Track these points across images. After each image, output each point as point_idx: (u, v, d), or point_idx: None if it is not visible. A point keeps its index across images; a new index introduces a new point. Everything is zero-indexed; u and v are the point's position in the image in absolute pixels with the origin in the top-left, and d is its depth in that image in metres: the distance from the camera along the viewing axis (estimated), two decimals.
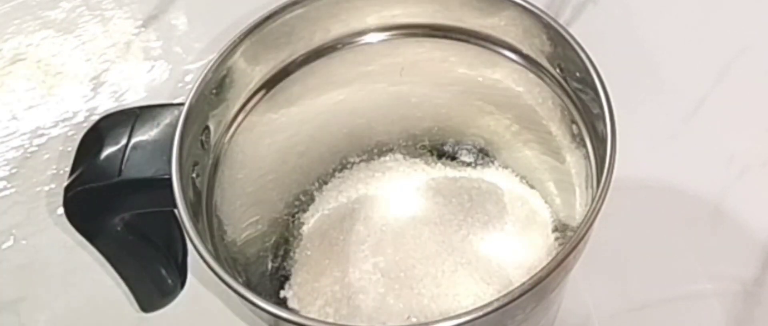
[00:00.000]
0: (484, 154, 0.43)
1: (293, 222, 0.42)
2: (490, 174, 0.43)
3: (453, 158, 0.44)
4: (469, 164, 0.43)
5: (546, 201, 0.41)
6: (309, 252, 0.41)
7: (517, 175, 0.43)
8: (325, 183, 0.43)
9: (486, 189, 0.42)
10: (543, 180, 0.42)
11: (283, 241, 0.42)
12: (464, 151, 0.44)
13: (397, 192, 0.42)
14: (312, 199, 0.43)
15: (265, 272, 0.41)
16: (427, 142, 0.44)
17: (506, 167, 0.43)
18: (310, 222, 0.42)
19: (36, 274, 0.48)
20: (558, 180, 0.40)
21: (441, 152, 0.44)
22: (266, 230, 0.41)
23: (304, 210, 0.43)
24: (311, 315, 0.39)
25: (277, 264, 0.41)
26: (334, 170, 0.43)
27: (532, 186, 0.42)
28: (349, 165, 0.43)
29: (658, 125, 0.49)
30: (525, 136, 0.41)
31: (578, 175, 0.37)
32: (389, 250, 0.40)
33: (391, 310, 0.38)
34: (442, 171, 0.43)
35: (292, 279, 0.41)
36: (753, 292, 0.44)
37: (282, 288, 0.41)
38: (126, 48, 0.57)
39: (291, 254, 0.42)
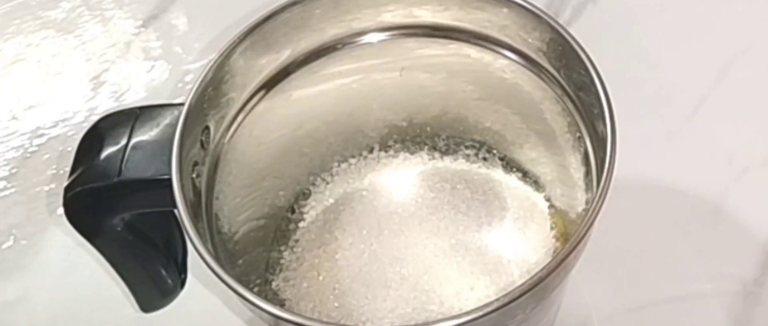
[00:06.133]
0: (485, 150, 0.43)
1: (292, 218, 0.42)
2: (490, 170, 0.43)
3: (453, 153, 0.44)
4: (469, 159, 0.43)
5: (546, 198, 0.41)
6: (307, 248, 0.41)
7: (517, 171, 0.43)
8: (325, 180, 0.43)
9: (486, 184, 0.42)
10: (543, 176, 0.42)
11: (281, 237, 0.42)
12: (464, 147, 0.44)
13: (397, 188, 0.42)
14: (311, 196, 0.43)
15: (263, 268, 0.41)
16: (427, 138, 0.44)
17: (506, 163, 0.43)
18: (308, 218, 0.42)
19: (36, 274, 0.48)
20: (558, 177, 0.40)
21: (441, 148, 0.44)
22: (265, 228, 0.41)
23: (303, 207, 0.43)
24: (307, 312, 0.39)
25: (274, 261, 0.41)
26: (334, 166, 0.43)
27: (532, 182, 0.42)
28: (348, 161, 0.43)
29: (658, 125, 0.49)
30: (525, 133, 0.41)
31: (578, 173, 0.37)
32: (387, 246, 0.40)
33: (388, 307, 0.38)
34: (442, 166, 0.43)
35: (290, 275, 0.41)
36: (753, 292, 0.44)
37: (280, 284, 0.41)
38: (126, 48, 0.57)
39: (289, 250, 0.42)
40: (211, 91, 0.36)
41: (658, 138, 0.49)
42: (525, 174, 0.42)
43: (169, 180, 0.33)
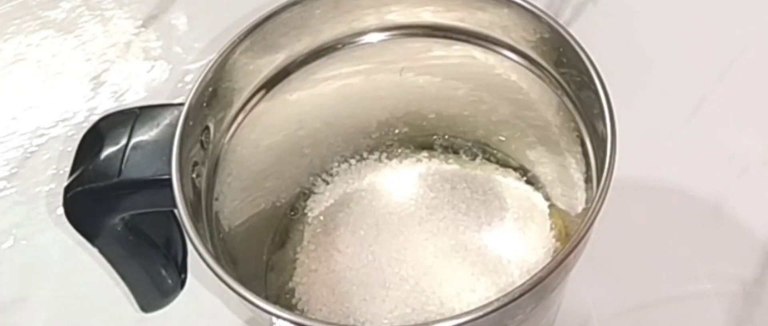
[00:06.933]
0: (485, 150, 0.43)
1: (292, 218, 0.42)
2: (490, 170, 0.43)
3: (453, 153, 0.44)
4: (469, 159, 0.43)
5: (546, 198, 0.41)
6: (307, 249, 0.41)
7: (517, 171, 0.43)
8: (325, 180, 0.43)
9: (486, 184, 0.42)
10: (543, 176, 0.42)
11: (281, 237, 0.42)
12: (464, 147, 0.44)
13: (397, 188, 0.42)
14: (311, 196, 0.43)
15: (263, 268, 0.41)
16: (427, 138, 0.44)
17: (506, 163, 0.43)
18: (308, 218, 0.42)
19: (36, 274, 0.48)
20: (558, 177, 0.40)
21: (441, 148, 0.44)
22: (265, 228, 0.41)
23: (303, 207, 0.43)
24: (307, 312, 0.39)
25: (274, 261, 0.41)
26: (334, 166, 0.43)
27: (532, 182, 0.42)
28: (348, 162, 0.43)
29: (658, 125, 0.49)
30: (525, 133, 0.41)
31: (578, 173, 0.37)
32: (387, 246, 0.40)
33: (388, 308, 0.38)
34: (441, 166, 0.43)
35: (290, 275, 0.41)
36: (753, 292, 0.44)
37: (280, 284, 0.41)
38: (126, 48, 0.57)
39: (289, 250, 0.42)
40: (211, 91, 0.36)
41: (658, 138, 0.49)
42: (525, 174, 0.42)
43: (169, 180, 0.33)
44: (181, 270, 0.40)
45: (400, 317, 0.38)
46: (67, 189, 0.35)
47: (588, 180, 0.36)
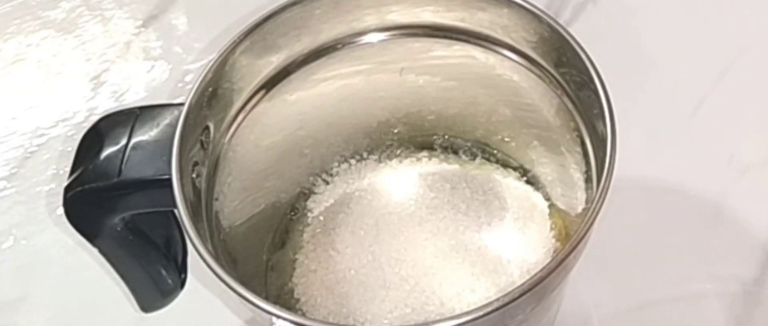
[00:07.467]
0: (485, 150, 0.43)
1: (292, 218, 0.42)
2: (490, 170, 0.43)
3: (453, 153, 0.44)
4: (469, 159, 0.43)
5: (546, 198, 0.41)
6: (307, 249, 0.41)
7: (517, 171, 0.43)
8: (325, 180, 0.43)
9: (486, 184, 0.42)
10: (543, 176, 0.42)
11: (281, 237, 0.42)
12: (464, 147, 0.44)
13: (397, 188, 0.42)
14: (311, 196, 0.43)
15: (263, 269, 0.41)
16: (427, 138, 0.44)
17: (506, 163, 0.43)
18: (308, 218, 0.42)
19: (36, 274, 0.48)
20: (558, 177, 0.40)
21: (441, 148, 0.44)
22: (265, 228, 0.41)
23: (303, 207, 0.43)
24: (307, 312, 0.39)
25: (274, 261, 0.41)
26: (334, 166, 0.43)
27: (532, 182, 0.42)
28: (348, 162, 0.43)
29: (658, 125, 0.49)
30: (525, 133, 0.41)
31: (578, 173, 0.37)
32: (387, 246, 0.40)
33: (387, 308, 0.38)
34: (442, 166, 0.43)
35: (290, 275, 0.41)
36: (753, 292, 0.44)
37: (280, 284, 0.41)
38: (126, 48, 0.57)
39: (289, 251, 0.42)
40: (211, 91, 0.36)
41: (658, 138, 0.49)
42: (525, 174, 0.42)
43: (169, 180, 0.33)
44: (181, 270, 0.40)
45: (400, 317, 0.38)
46: (67, 189, 0.35)
47: (588, 180, 0.36)
